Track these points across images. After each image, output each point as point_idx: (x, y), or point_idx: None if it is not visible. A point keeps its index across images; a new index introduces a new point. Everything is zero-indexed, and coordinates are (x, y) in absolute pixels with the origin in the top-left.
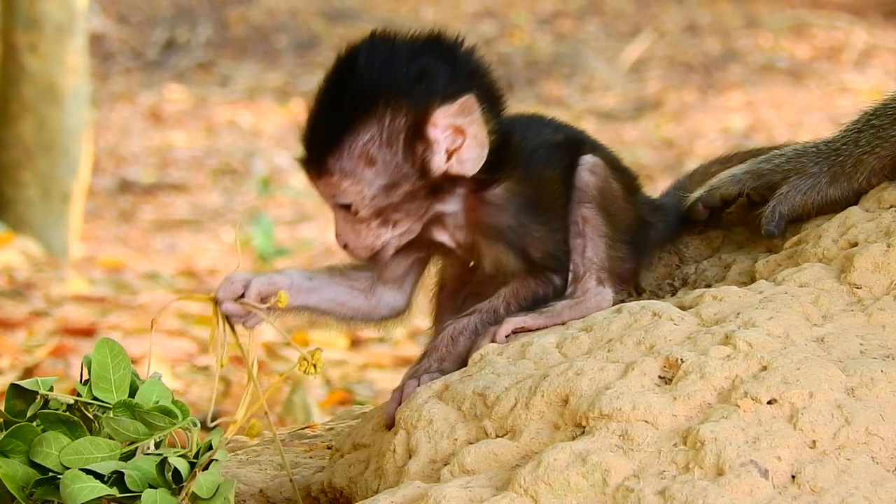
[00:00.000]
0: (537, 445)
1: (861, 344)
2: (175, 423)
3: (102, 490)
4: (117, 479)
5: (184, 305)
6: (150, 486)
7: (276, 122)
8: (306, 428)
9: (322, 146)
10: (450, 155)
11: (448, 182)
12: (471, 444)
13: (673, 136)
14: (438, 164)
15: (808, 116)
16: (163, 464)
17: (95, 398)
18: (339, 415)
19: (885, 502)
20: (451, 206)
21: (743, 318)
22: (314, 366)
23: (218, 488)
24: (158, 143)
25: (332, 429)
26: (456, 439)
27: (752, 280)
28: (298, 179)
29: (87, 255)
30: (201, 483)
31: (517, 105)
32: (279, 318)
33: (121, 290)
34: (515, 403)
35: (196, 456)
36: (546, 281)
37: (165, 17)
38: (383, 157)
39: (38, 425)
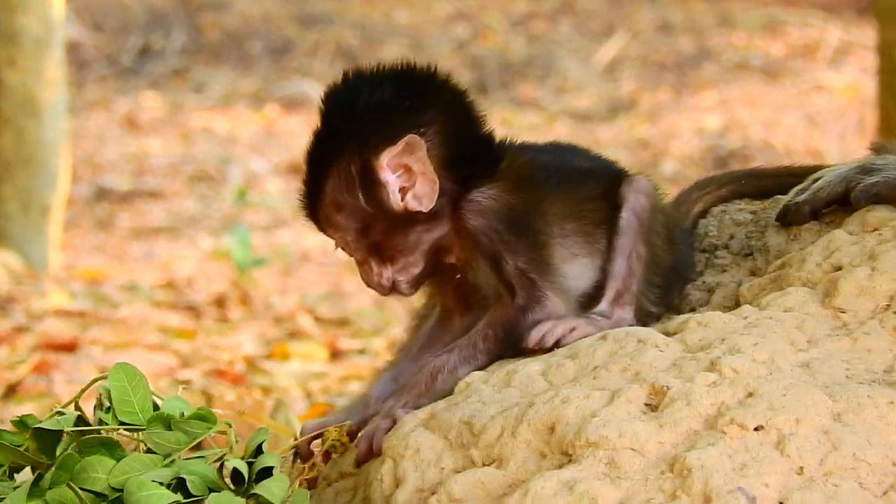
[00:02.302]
0: (524, 474)
1: (847, 369)
2: (212, 427)
3: (169, 496)
4: (176, 486)
5: (164, 318)
6: (210, 490)
7: (251, 128)
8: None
9: (306, 199)
10: (404, 193)
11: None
12: (458, 472)
13: (648, 136)
14: (395, 203)
15: (783, 115)
16: (221, 467)
17: (122, 423)
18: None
19: None
20: (439, 230)
21: (728, 344)
22: (342, 443)
23: (291, 498)
24: (134, 150)
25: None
26: (443, 468)
27: (737, 304)
28: (274, 185)
29: (67, 264)
30: (269, 487)
31: (490, 107)
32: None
33: (101, 303)
34: (502, 432)
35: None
36: (521, 307)
37: (139, 23)
38: (347, 203)
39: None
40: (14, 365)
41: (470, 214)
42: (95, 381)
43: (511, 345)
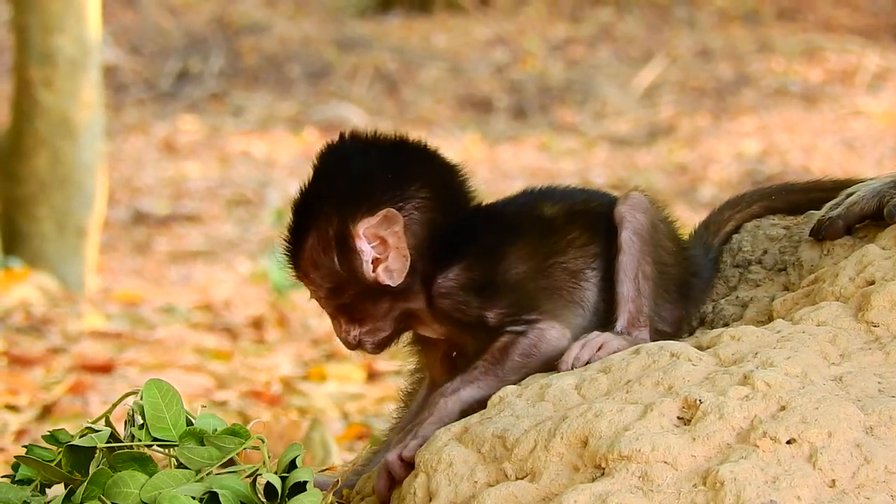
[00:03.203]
0: (557, 487)
1: (879, 382)
2: (244, 443)
3: None
4: (208, 501)
5: (201, 340)
6: None
7: (289, 151)
8: (326, 470)
9: (289, 248)
10: (377, 264)
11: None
12: (491, 486)
13: (686, 161)
14: (367, 272)
15: (821, 140)
16: (254, 482)
17: (155, 438)
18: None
19: None
20: (412, 303)
21: (761, 357)
22: None
23: None
24: (172, 173)
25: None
26: (476, 482)
27: (770, 319)
28: None
29: (103, 288)
30: (303, 501)
31: (529, 132)
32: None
33: (137, 325)
34: (535, 445)
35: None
36: (518, 332)
37: (178, 47)
38: (323, 263)
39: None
40: (50, 386)
41: (439, 300)
42: (127, 395)
43: (512, 368)
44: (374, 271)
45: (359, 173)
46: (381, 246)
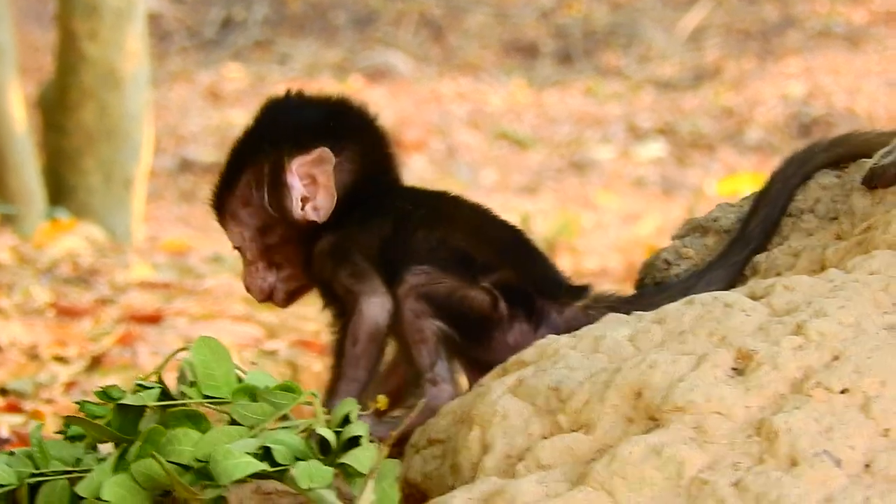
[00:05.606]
0: (611, 439)
1: None
2: (297, 398)
3: (255, 465)
4: (263, 455)
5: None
6: (297, 459)
7: None
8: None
9: (218, 191)
10: (305, 203)
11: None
12: (545, 438)
13: (732, 104)
14: (295, 209)
15: (865, 82)
16: (308, 438)
17: (207, 396)
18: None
19: None
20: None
21: (814, 307)
22: None
23: (379, 468)
24: (217, 121)
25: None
26: (530, 434)
27: (822, 268)
28: None
29: (150, 236)
30: (357, 456)
31: (575, 77)
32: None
33: (185, 275)
34: (589, 397)
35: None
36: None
37: None
38: (254, 200)
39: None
40: (98, 337)
41: (314, 258)
42: (176, 352)
43: (354, 360)
44: (302, 209)
45: (298, 118)
46: (312, 186)
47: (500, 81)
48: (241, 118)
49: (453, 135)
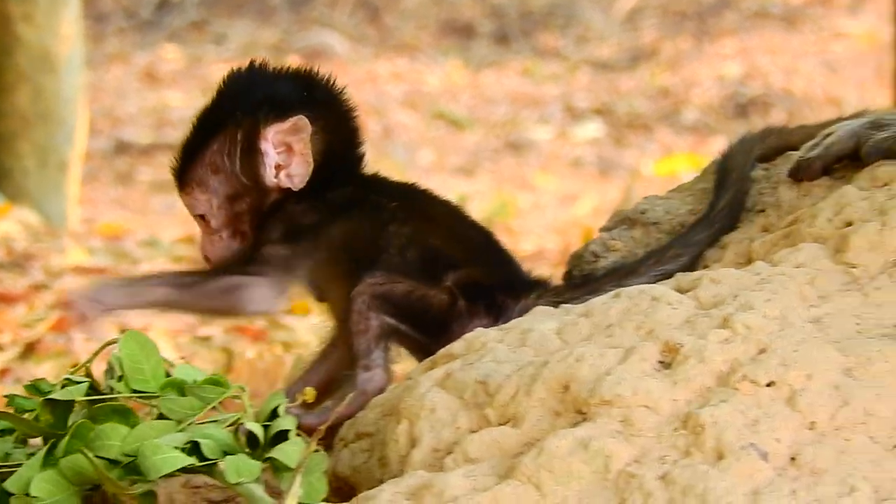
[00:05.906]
0: (539, 433)
1: (857, 324)
2: (226, 392)
3: (184, 459)
4: (192, 450)
5: None
6: (226, 453)
7: None
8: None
9: (182, 159)
10: (279, 170)
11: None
12: (473, 432)
13: (669, 84)
14: (269, 176)
15: (802, 62)
16: (236, 432)
17: (135, 390)
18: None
19: (885, 481)
20: None
21: (741, 300)
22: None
23: (307, 462)
24: (154, 103)
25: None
26: (458, 427)
27: (749, 261)
28: None
29: (86, 219)
30: (285, 450)
31: (512, 57)
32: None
33: (121, 259)
34: (517, 391)
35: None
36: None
37: None
38: (225, 167)
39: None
40: (32, 323)
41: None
42: (104, 346)
43: (205, 294)
44: (275, 177)
45: (272, 87)
46: (287, 153)
47: (437, 62)
48: (177, 99)
49: (390, 115)
